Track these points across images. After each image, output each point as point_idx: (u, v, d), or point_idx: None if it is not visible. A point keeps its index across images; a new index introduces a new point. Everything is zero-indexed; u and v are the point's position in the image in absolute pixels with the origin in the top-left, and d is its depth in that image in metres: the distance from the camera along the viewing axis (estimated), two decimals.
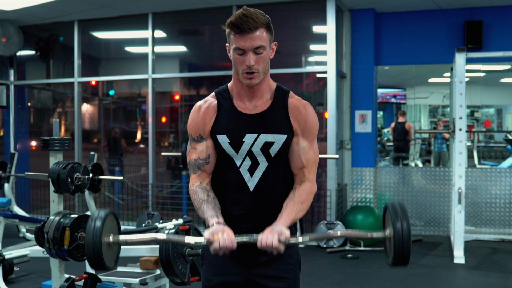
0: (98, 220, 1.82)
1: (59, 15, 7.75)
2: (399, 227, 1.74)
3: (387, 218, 1.86)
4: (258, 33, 1.88)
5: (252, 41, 1.88)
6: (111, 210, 1.91)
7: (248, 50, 1.89)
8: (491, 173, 6.96)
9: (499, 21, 6.89)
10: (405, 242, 1.74)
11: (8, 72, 8.64)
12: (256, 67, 1.90)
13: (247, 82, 1.93)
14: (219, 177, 2.04)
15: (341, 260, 5.85)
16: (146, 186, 7.73)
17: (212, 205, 1.94)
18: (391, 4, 6.97)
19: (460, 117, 5.79)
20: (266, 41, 1.92)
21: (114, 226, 1.93)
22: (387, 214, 1.86)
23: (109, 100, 9.60)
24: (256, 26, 1.87)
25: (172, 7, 7.37)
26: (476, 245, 6.46)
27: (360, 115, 7.23)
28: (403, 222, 1.75)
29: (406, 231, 1.74)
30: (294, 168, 2.02)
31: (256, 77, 1.92)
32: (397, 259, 1.77)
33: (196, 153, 2.02)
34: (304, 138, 2.00)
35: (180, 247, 3.58)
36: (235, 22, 1.86)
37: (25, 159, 8.78)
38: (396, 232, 1.75)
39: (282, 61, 7.34)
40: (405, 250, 1.74)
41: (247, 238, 1.85)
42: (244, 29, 1.86)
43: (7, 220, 5.42)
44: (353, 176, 7.27)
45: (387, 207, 1.84)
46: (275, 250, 1.81)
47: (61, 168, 3.46)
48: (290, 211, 1.93)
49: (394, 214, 1.78)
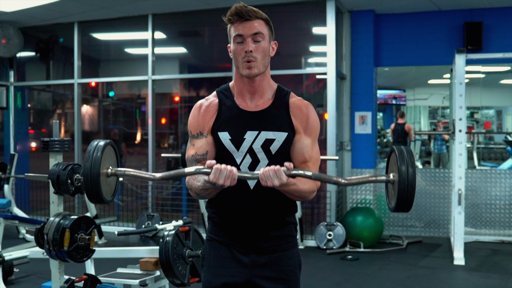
0: (98, 150, 1.77)
1: (59, 17, 7.75)
2: (405, 170, 1.69)
3: (391, 161, 1.80)
4: (257, 23, 1.94)
5: (251, 27, 1.93)
6: (110, 141, 1.87)
7: (247, 36, 1.93)
8: (491, 174, 6.96)
9: (499, 23, 6.89)
10: (410, 186, 1.69)
11: (8, 73, 8.64)
12: (255, 55, 1.94)
13: (247, 72, 1.95)
14: None
15: (341, 262, 5.85)
16: (145, 188, 7.73)
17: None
18: (391, 6, 6.98)
19: (460, 119, 5.79)
20: (265, 32, 1.96)
21: (112, 157, 1.89)
22: (392, 157, 1.80)
23: (109, 101, 9.60)
24: (256, 15, 1.94)
25: (172, 9, 7.37)
26: (476, 247, 6.46)
27: (360, 116, 7.23)
28: (408, 166, 1.70)
29: (411, 175, 1.69)
30: (297, 163, 2.01)
31: (255, 66, 1.94)
32: (400, 203, 1.72)
33: (195, 149, 2.02)
34: (306, 136, 2.01)
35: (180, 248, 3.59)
36: (235, 10, 1.93)
37: (25, 160, 8.78)
38: (401, 175, 1.69)
39: (282, 62, 7.34)
40: (409, 194, 1.70)
41: (249, 174, 1.81)
42: (243, 16, 1.92)
43: (7, 222, 5.42)
44: None
45: (393, 150, 1.78)
46: (277, 176, 1.76)
47: (61, 169, 3.46)
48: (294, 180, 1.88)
49: (400, 157, 1.72)
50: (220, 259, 2.03)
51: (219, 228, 2.05)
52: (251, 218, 1.99)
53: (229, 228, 2.02)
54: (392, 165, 1.79)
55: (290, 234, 2.07)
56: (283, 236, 2.04)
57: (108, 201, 1.84)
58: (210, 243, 2.08)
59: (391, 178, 1.76)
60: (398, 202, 1.72)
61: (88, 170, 1.75)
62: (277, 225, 2.02)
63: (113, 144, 1.89)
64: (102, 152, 1.78)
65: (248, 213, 1.99)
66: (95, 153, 1.77)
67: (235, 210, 2.00)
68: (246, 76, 1.96)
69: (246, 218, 1.99)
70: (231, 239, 2.03)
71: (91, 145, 1.81)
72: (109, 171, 1.82)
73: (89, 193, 1.78)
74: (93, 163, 1.76)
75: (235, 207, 2.00)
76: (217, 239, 2.06)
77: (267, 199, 1.99)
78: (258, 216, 1.99)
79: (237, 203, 1.99)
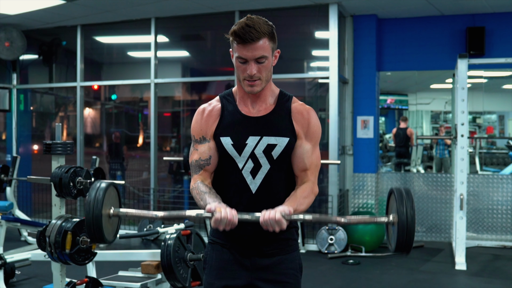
0: (100, 191, 1.79)
1: (62, 20, 7.78)
2: (404, 213, 1.71)
3: (391, 202, 1.82)
4: (260, 43, 1.89)
5: (254, 51, 1.89)
6: (112, 182, 1.88)
7: (250, 60, 1.90)
8: (493, 179, 6.95)
9: (502, 28, 6.89)
10: (409, 228, 1.70)
11: (11, 76, 8.66)
12: (258, 75, 1.93)
13: (249, 90, 1.96)
14: (221, 179, 2.05)
15: (342, 266, 5.85)
16: (147, 191, 7.73)
17: (214, 195, 1.94)
18: (393, 10, 6.99)
19: (462, 123, 5.79)
20: (269, 51, 1.93)
21: (115, 198, 1.90)
22: (391, 198, 1.82)
23: (111, 104, 9.61)
24: (259, 36, 1.88)
25: (174, 12, 7.39)
26: (477, 252, 6.45)
27: (362, 120, 7.23)
28: (408, 208, 1.72)
29: (410, 217, 1.71)
30: (297, 169, 2.03)
31: (257, 84, 1.95)
32: (400, 245, 1.74)
33: (198, 153, 2.03)
34: (307, 141, 2.02)
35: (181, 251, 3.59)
36: (238, 32, 1.88)
37: (27, 163, 8.80)
38: (400, 217, 1.71)
39: (284, 66, 7.35)
40: (409, 237, 1.71)
41: (249, 216, 1.84)
42: (247, 40, 1.87)
43: (8, 224, 5.42)
44: (354, 182, 7.27)
45: (392, 192, 1.81)
46: (277, 224, 1.79)
47: (63, 172, 3.46)
48: (293, 201, 1.92)
49: (399, 199, 1.74)
50: (222, 262, 2.04)
51: (221, 232, 2.05)
52: (253, 221, 1.99)
53: (231, 232, 2.01)
54: (392, 205, 1.81)
55: (291, 238, 2.07)
56: (284, 239, 2.05)
57: (110, 242, 1.87)
58: (212, 246, 2.10)
59: (390, 220, 1.78)
60: (398, 244, 1.75)
61: (90, 212, 1.77)
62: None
63: (116, 185, 1.91)
64: (104, 194, 1.80)
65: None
66: (97, 195, 1.78)
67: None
68: (249, 93, 1.98)
69: (248, 221, 1.99)
70: (232, 242, 2.04)
71: (93, 187, 1.82)
72: (111, 212, 1.84)
73: (91, 234, 1.80)
74: (94, 205, 1.77)
75: (237, 209, 1.97)
76: (219, 242, 2.07)
77: (269, 203, 1.98)
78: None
79: (239, 207, 1.98)
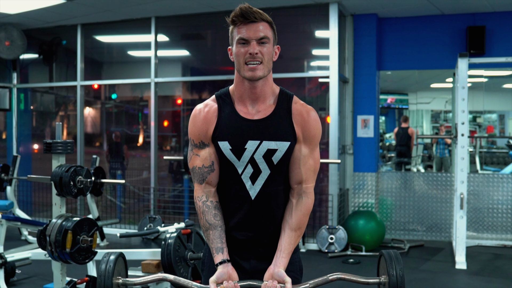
0: (109, 263, 1.91)
1: (62, 19, 7.78)
2: (394, 275, 1.83)
3: (381, 264, 1.94)
4: (262, 25, 1.88)
5: (257, 30, 1.87)
6: (120, 253, 1.96)
7: (251, 39, 1.86)
8: (493, 178, 6.95)
9: (502, 27, 6.89)
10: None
11: (11, 75, 8.66)
12: (260, 56, 1.87)
13: (250, 75, 1.88)
14: (220, 184, 2.00)
15: (343, 265, 5.85)
16: (148, 190, 7.73)
17: (219, 233, 1.93)
18: (394, 9, 6.98)
19: (462, 123, 5.79)
20: (270, 35, 1.91)
21: (122, 267, 2.00)
22: (381, 261, 1.94)
23: (111, 103, 9.61)
24: (261, 18, 1.88)
25: (175, 12, 7.39)
26: (478, 251, 6.45)
27: (362, 120, 7.23)
28: (397, 270, 1.84)
29: (400, 279, 1.83)
30: (292, 181, 1.98)
31: (259, 68, 1.88)
32: None
33: (200, 160, 1.96)
34: (305, 145, 1.96)
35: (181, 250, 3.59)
36: (240, 11, 1.86)
37: (28, 162, 8.80)
38: (391, 279, 1.83)
39: (284, 65, 7.34)
40: None
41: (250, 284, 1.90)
42: (249, 17, 1.86)
43: (9, 223, 5.42)
44: (355, 181, 7.27)
45: (382, 255, 1.92)
46: None
47: (64, 171, 3.46)
48: (288, 243, 1.93)
49: (389, 261, 1.87)
50: None
51: None
52: (252, 226, 1.97)
53: (229, 235, 2.00)
54: (382, 267, 1.94)
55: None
56: None
57: None
58: None
59: (382, 281, 1.91)
60: None
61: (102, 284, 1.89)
62: (278, 233, 1.99)
63: (123, 255, 2.00)
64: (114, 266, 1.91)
65: (250, 221, 1.97)
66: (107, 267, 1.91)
67: (236, 218, 1.98)
68: (249, 79, 1.88)
69: (247, 226, 1.98)
70: (231, 245, 2.00)
71: (103, 260, 1.92)
72: (120, 282, 1.93)
73: None
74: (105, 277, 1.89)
75: (236, 215, 1.98)
76: None
77: (268, 208, 1.97)
78: (259, 224, 1.97)
79: (238, 212, 1.97)
